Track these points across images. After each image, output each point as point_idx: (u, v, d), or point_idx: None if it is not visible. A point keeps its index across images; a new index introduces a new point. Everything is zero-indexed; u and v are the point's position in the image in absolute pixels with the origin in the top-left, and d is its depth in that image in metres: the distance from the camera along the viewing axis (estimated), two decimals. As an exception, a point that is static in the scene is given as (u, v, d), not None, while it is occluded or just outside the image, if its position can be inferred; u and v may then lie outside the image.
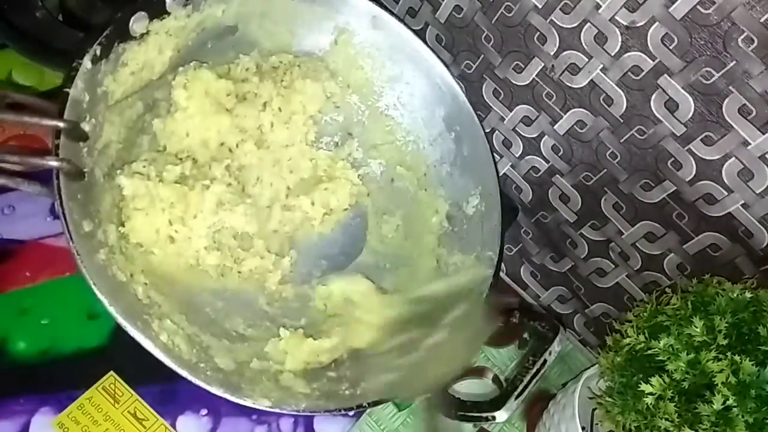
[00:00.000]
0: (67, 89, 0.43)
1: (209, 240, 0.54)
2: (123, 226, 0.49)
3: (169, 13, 0.49)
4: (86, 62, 0.44)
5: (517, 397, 0.47)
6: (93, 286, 0.41)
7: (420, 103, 0.61)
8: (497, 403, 0.47)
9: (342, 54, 0.61)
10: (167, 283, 0.51)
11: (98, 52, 0.45)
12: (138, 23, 0.47)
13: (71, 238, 0.41)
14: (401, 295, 0.55)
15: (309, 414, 0.46)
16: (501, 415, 0.46)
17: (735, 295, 0.43)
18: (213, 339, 0.50)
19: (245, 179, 0.58)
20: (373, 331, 0.52)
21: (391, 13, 0.58)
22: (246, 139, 0.57)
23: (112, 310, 0.42)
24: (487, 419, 0.47)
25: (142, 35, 0.48)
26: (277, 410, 0.46)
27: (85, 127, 0.45)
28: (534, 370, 0.48)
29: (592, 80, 0.53)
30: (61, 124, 0.41)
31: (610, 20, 0.49)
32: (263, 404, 0.45)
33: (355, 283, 0.58)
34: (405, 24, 0.59)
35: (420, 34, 0.62)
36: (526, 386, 0.47)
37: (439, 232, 0.61)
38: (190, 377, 0.43)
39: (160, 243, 0.51)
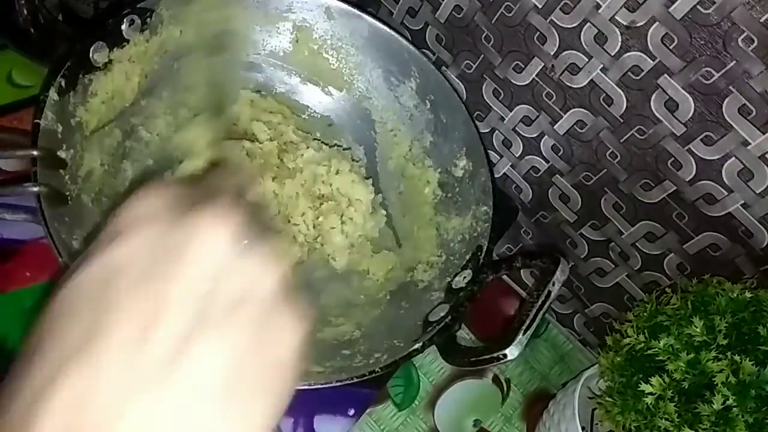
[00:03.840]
0: (37, 120, 0.44)
1: None
2: None
3: (128, 40, 0.51)
4: (52, 94, 0.45)
5: (525, 332, 0.46)
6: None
7: (390, 82, 0.62)
8: (506, 341, 0.46)
9: (305, 51, 0.62)
10: None
11: (63, 84, 0.46)
12: (98, 53, 0.49)
13: (60, 255, 0.42)
14: None
15: (321, 387, 0.46)
16: (512, 351, 0.46)
17: (735, 295, 0.43)
18: None
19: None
20: None
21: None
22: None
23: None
24: (498, 358, 0.46)
25: (105, 64, 0.49)
26: None
27: (62, 155, 0.46)
28: (539, 303, 0.48)
29: (592, 80, 0.53)
30: (35, 152, 0.44)
31: (610, 20, 0.49)
32: None
33: None
34: (358, 7, 0.59)
35: (418, 33, 0.62)
36: (533, 319, 0.47)
37: (434, 201, 0.61)
38: None
39: None
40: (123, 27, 0.50)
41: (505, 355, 0.46)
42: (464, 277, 0.54)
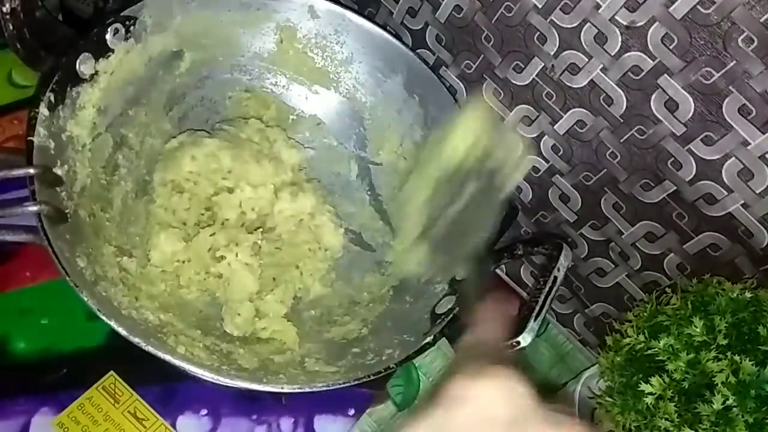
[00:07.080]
0: (30, 138, 0.44)
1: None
2: (125, 256, 0.50)
3: (113, 50, 0.50)
4: (43, 110, 0.45)
5: (536, 318, 0.47)
6: (98, 312, 0.42)
7: (377, 78, 0.62)
8: (518, 329, 0.47)
9: (290, 51, 0.62)
10: (176, 304, 0.51)
11: (53, 99, 0.46)
12: (85, 65, 0.49)
13: (67, 274, 0.42)
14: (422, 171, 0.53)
15: (338, 387, 0.46)
16: (525, 338, 0.47)
17: (735, 295, 0.43)
18: (231, 345, 0.50)
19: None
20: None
21: None
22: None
23: (123, 332, 0.42)
24: (512, 346, 0.47)
25: (92, 76, 0.49)
26: (307, 389, 0.46)
27: (58, 171, 0.46)
28: (547, 288, 0.49)
29: (592, 80, 0.53)
30: (31, 171, 0.43)
31: (610, 20, 0.49)
32: (292, 388, 0.46)
33: None
34: (341, 4, 0.59)
35: (418, 33, 0.62)
36: (542, 306, 0.48)
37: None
38: (214, 378, 0.44)
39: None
40: (107, 36, 0.50)
41: (518, 342, 0.47)
42: None
